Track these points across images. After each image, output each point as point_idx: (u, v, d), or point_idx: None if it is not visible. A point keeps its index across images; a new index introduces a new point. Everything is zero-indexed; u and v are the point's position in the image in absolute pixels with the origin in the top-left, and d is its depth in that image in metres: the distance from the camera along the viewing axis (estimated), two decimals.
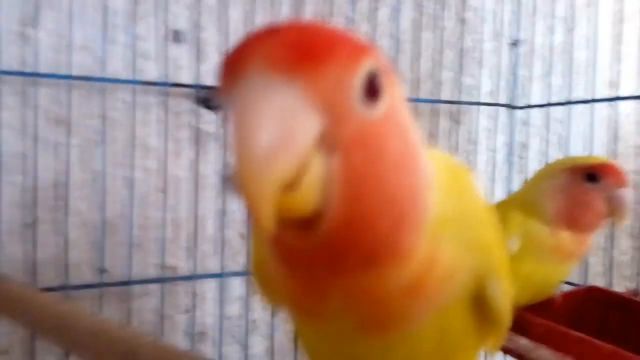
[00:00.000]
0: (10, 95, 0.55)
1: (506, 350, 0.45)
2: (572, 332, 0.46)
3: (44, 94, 0.56)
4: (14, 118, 0.55)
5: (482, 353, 0.77)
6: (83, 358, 0.35)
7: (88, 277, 0.58)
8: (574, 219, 0.49)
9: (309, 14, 0.67)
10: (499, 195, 0.78)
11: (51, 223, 0.57)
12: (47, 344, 0.57)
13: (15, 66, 0.55)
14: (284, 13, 0.66)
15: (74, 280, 0.57)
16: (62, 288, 0.56)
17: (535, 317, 0.50)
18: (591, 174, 0.48)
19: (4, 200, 0.54)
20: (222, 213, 0.63)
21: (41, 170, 0.56)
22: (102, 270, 0.58)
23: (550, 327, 0.47)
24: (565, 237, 0.49)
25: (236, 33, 0.63)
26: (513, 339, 0.45)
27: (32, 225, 0.55)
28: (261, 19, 0.65)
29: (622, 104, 0.87)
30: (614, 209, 0.48)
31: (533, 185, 0.53)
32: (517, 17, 0.76)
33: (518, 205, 0.52)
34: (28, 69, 0.55)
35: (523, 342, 0.44)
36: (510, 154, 0.78)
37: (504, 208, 0.53)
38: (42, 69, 0.55)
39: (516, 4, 0.76)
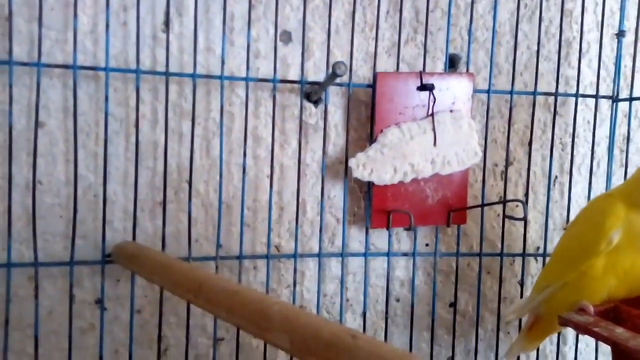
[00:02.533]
0: (145, 91, 0.63)
1: (601, 339, 0.45)
2: None
3: (173, 90, 0.64)
4: (147, 111, 0.64)
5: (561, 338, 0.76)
6: (217, 315, 0.42)
7: (206, 250, 0.66)
8: None
9: (408, 10, 0.70)
10: (599, 188, 0.77)
11: (177, 202, 0.65)
12: (172, 306, 0.66)
13: (148, 65, 0.63)
14: (383, 11, 0.69)
15: (195, 253, 0.65)
16: (185, 259, 0.64)
17: (632, 308, 0.50)
18: None
19: (140, 181, 0.63)
20: (322, 198, 0.68)
21: (169, 157, 0.64)
22: (218, 245, 0.65)
23: None
24: None
25: (338, 32, 0.68)
26: (609, 328, 0.46)
27: (161, 204, 0.64)
28: (361, 17, 0.69)
29: None
30: None
31: (636, 178, 0.53)
32: (622, 6, 0.74)
33: (621, 197, 0.52)
34: (159, 68, 0.63)
35: (619, 331, 0.45)
36: (611, 146, 0.76)
37: (606, 201, 0.53)
38: (172, 69, 0.63)
39: None
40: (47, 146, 0.61)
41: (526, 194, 0.73)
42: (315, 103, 0.68)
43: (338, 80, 0.64)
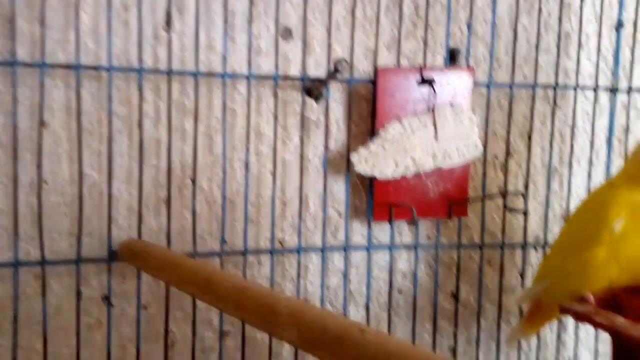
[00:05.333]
0: (148, 90, 0.64)
1: (602, 327, 0.46)
2: None
3: (175, 88, 0.64)
4: (150, 109, 0.64)
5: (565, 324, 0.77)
6: (226, 311, 0.42)
7: (211, 246, 0.67)
8: None
9: (407, 5, 0.70)
10: (598, 179, 0.78)
11: (181, 199, 0.66)
12: (178, 302, 0.67)
13: (151, 64, 0.64)
14: (382, 6, 0.69)
15: (199, 249, 0.66)
16: (190, 255, 0.65)
17: (632, 297, 0.51)
18: None
19: (144, 179, 0.64)
20: (324, 193, 0.68)
21: (173, 154, 0.65)
22: (222, 241, 0.66)
23: None
24: None
25: (338, 27, 0.68)
26: (609, 317, 0.47)
27: (166, 201, 0.65)
28: (361, 13, 0.69)
29: None
30: None
31: (632, 163, 0.53)
32: None
33: (623, 182, 0.52)
34: (161, 67, 0.63)
35: (620, 320, 0.46)
36: (610, 138, 0.77)
37: (608, 190, 0.54)
38: (174, 66, 0.63)
39: None
40: (52, 146, 0.61)
41: (526, 186, 0.74)
42: (317, 99, 0.68)
43: (339, 76, 0.64)
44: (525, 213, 0.69)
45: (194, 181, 0.64)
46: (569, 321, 0.80)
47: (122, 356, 0.65)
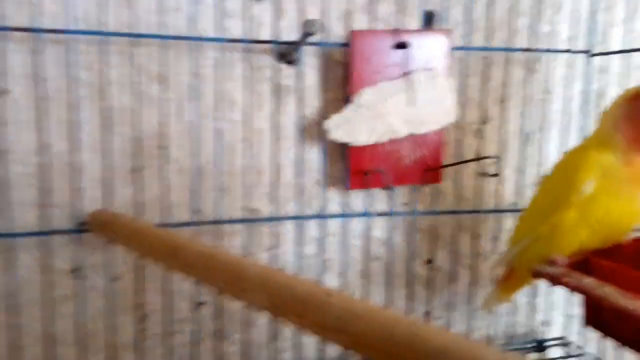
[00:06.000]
0: (117, 55, 0.61)
1: (571, 287, 0.47)
2: (637, 272, 0.47)
3: (145, 53, 0.62)
4: (120, 76, 0.62)
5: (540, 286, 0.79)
6: (195, 279, 0.42)
7: (185, 216, 0.66)
8: None
9: None
10: (573, 144, 0.78)
11: (154, 169, 0.64)
12: (151, 273, 0.66)
13: (115, 27, 0.61)
14: None
15: (172, 219, 0.65)
16: (164, 225, 0.64)
17: (602, 259, 0.51)
18: None
19: (115, 148, 0.62)
20: (300, 161, 0.67)
21: (145, 123, 0.63)
22: (196, 211, 0.65)
23: (614, 269, 0.49)
24: None
25: None
26: (578, 278, 0.47)
27: (138, 171, 0.63)
28: None
29: None
30: None
31: (601, 125, 0.54)
32: None
33: (594, 145, 0.52)
34: (126, 30, 0.61)
35: (587, 281, 0.46)
36: (586, 102, 0.77)
37: (579, 153, 0.54)
38: (142, 30, 0.61)
39: None
40: (14, 114, 0.59)
41: (501, 151, 0.74)
42: (290, 64, 0.67)
43: (312, 39, 0.63)
44: (496, 175, 0.68)
45: (164, 150, 0.62)
46: (541, 285, 0.82)
47: (93, 329, 0.65)
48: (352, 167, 0.68)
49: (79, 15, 0.59)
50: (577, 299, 0.67)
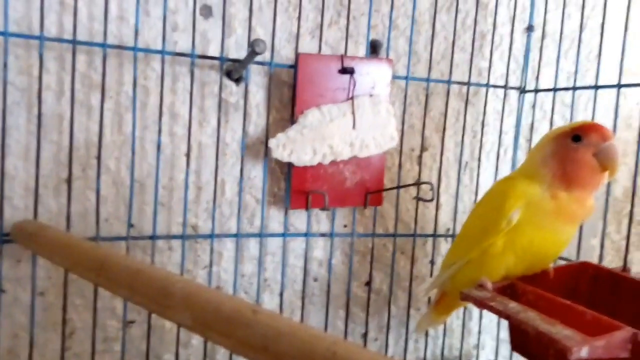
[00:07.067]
0: (51, 60, 0.59)
1: (496, 312, 0.48)
2: (559, 299, 0.50)
3: (81, 60, 0.60)
4: (53, 81, 0.60)
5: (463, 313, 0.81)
6: (119, 294, 0.40)
7: (117, 230, 0.64)
8: (569, 178, 0.52)
9: None
10: (505, 174, 0.82)
11: (84, 180, 0.62)
12: (79, 288, 0.63)
13: (54, 32, 0.59)
14: None
15: (104, 233, 0.62)
16: (93, 239, 0.61)
17: (527, 285, 0.54)
18: (576, 135, 0.52)
19: (43, 156, 0.59)
20: (241, 178, 0.67)
21: (76, 131, 0.60)
22: (129, 225, 0.63)
23: (539, 294, 0.51)
24: (564, 197, 0.52)
25: (261, 9, 0.67)
26: (504, 302, 0.49)
27: (67, 181, 0.60)
28: None
29: (632, 91, 0.89)
30: (603, 162, 0.51)
31: (530, 159, 0.57)
32: (532, 2, 0.78)
33: (522, 177, 0.55)
34: (66, 36, 0.59)
35: (512, 305, 0.48)
36: (517, 135, 0.81)
37: (507, 183, 0.57)
38: (80, 37, 0.59)
39: None
40: None
41: (439, 178, 0.77)
42: (237, 81, 0.67)
43: (260, 59, 0.63)
44: (431, 200, 0.70)
45: (99, 160, 0.60)
46: (474, 309, 0.84)
47: (13, 345, 0.61)
48: (294, 186, 0.68)
49: (17, 19, 0.57)
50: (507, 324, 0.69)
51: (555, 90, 0.75)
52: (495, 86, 0.79)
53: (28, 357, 0.59)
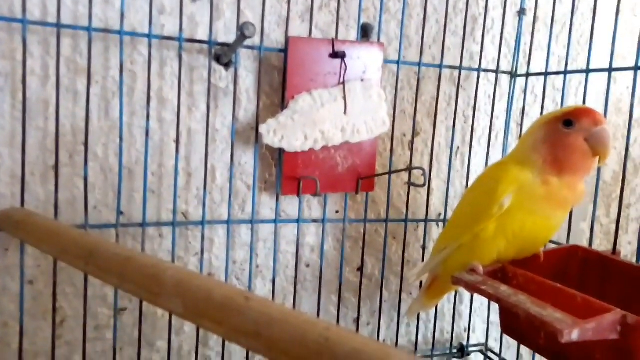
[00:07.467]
0: (35, 44, 0.58)
1: (487, 296, 0.49)
2: (550, 282, 0.50)
3: (66, 44, 0.59)
4: (37, 66, 0.58)
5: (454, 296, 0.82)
6: (109, 282, 0.40)
7: (106, 218, 0.63)
8: (560, 163, 0.52)
9: None
10: (497, 159, 0.82)
11: (72, 166, 0.61)
12: (68, 276, 0.62)
13: (38, 16, 0.57)
14: None
15: (93, 220, 0.62)
16: (82, 227, 0.60)
17: (518, 268, 0.54)
18: (567, 120, 0.52)
19: (29, 143, 0.58)
20: (232, 165, 0.66)
21: (63, 117, 0.59)
22: (119, 212, 0.62)
23: (529, 277, 0.52)
24: (555, 182, 0.52)
25: None
26: (494, 286, 0.49)
27: (54, 168, 0.59)
28: None
29: (622, 76, 0.89)
30: (594, 147, 0.51)
31: (521, 144, 0.57)
32: None
33: (514, 161, 0.55)
34: (50, 20, 0.58)
35: (503, 289, 0.48)
36: (508, 120, 0.81)
37: (499, 168, 0.57)
38: (65, 20, 0.58)
39: None
40: None
41: (430, 163, 0.76)
42: (226, 66, 0.66)
43: (249, 42, 0.62)
44: (427, 188, 0.71)
45: (86, 147, 0.59)
46: (465, 293, 0.85)
47: (3, 334, 0.60)
48: (286, 172, 0.67)
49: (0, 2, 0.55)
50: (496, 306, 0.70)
51: (546, 74, 0.75)
52: (486, 70, 0.78)
53: (18, 345, 0.58)
